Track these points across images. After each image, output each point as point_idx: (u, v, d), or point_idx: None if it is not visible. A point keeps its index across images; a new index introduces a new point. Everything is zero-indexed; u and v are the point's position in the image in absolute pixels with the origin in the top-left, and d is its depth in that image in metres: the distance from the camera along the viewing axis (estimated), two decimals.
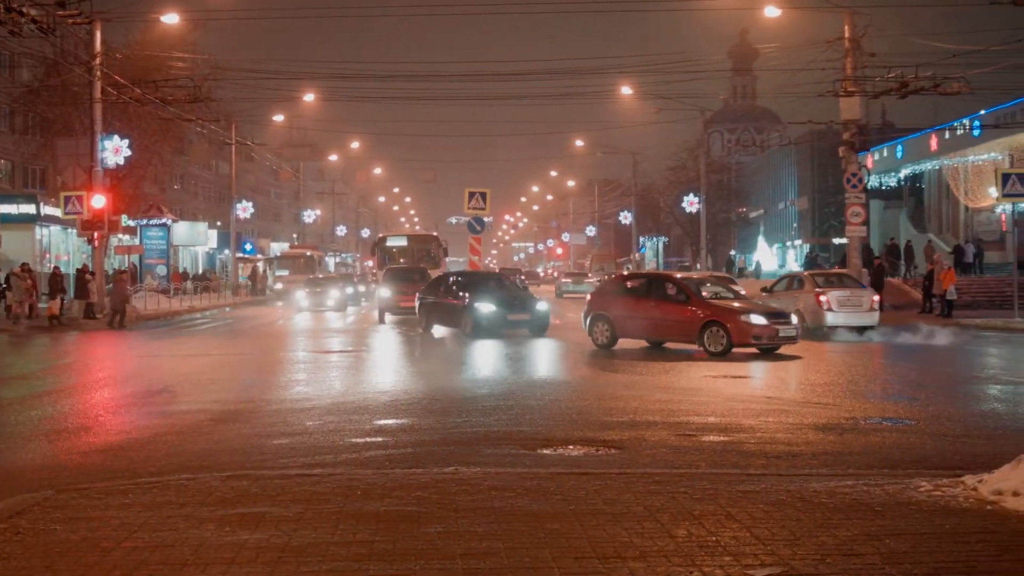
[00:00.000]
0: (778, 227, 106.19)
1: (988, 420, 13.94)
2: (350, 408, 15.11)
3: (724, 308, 23.90)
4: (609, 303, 25.88)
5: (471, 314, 29.65)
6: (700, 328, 23.53)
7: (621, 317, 25.30)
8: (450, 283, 32.91)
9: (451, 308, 31.03)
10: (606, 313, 25.63)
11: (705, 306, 23.96)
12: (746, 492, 8.60)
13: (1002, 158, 60.46)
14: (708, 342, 23.36)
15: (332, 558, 6.74)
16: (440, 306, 31.87)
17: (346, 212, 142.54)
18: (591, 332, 25.90)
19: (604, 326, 25.55)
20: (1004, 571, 6.50)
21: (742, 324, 23.24)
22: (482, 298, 30.18)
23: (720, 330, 23.26)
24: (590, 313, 26.12)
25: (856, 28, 38.57)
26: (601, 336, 25.56)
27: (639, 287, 26.16)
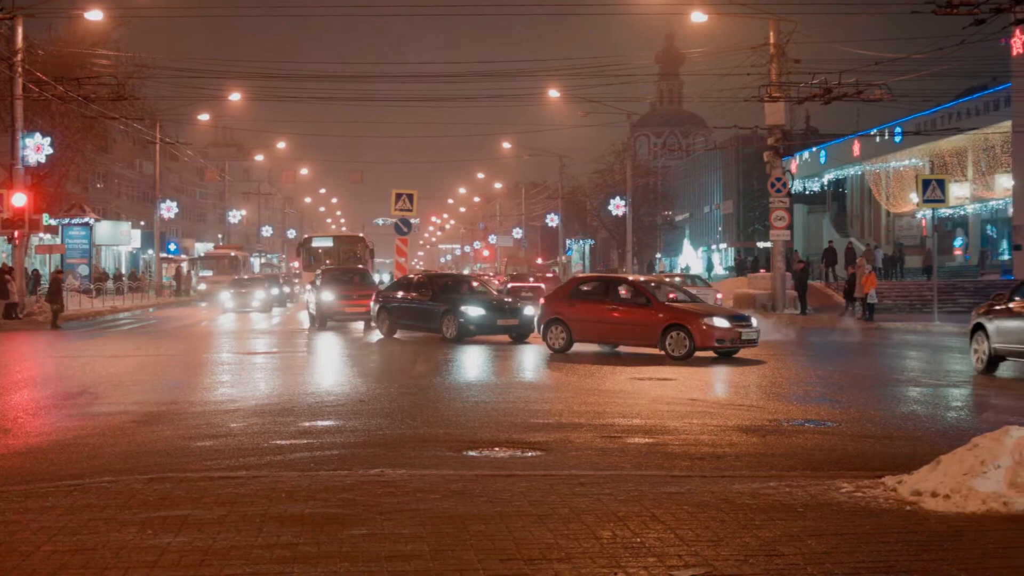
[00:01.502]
0: (703, 231, 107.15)
1: (908, 422, 14.14)
2: (275, 410, 15.01)
3: (686, 311, 23.57)
4: (564, 307, 25.24)
5: (457, 318, 28.42)
6: (661, 332, 23.15)
7: (578, 321, 24.79)
8: (423, 285, 31.14)
9: (427, 311, 29.59)
10: (561, 317, 24.98)
11: (666, 309, 23.63)
12: (670, 494, 8.66)
13: (923, 164, 61.52)
14: (670, 346, 22.97)
15: (256, 561, 6.70)
16: (410, 309, 30.38)
17: (272, 213, 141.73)
18: (545, 336, 25.26)
19: (560, 330, 24.94)
20: (922, 570, 6.60)
21: (705, 327, 22.85)
22: (470, 302, 29.14)
23: (682, 333, 22.89)
24: (545, 317, 25.46)
25: (781, 35, 39.03)
26: (556, 341, 24.92)
27: (596, 290, 25.71)
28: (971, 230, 63.24)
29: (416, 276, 34.43)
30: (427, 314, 29.59)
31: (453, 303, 29.01)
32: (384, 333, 30.77)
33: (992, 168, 56.04)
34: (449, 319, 28.64)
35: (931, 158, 60.90)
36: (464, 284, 32.19)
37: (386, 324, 30.95)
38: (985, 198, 58.17)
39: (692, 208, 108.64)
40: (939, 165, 59.34)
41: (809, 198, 77.86)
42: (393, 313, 30.89)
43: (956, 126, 54.20)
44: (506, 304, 29.79)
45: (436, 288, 30.45)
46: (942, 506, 8.12)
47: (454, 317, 28.51)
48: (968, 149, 57.67)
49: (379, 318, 31.35)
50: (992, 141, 54.79)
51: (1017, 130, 49.76)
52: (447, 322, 28.66)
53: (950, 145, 58.06)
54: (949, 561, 6.80)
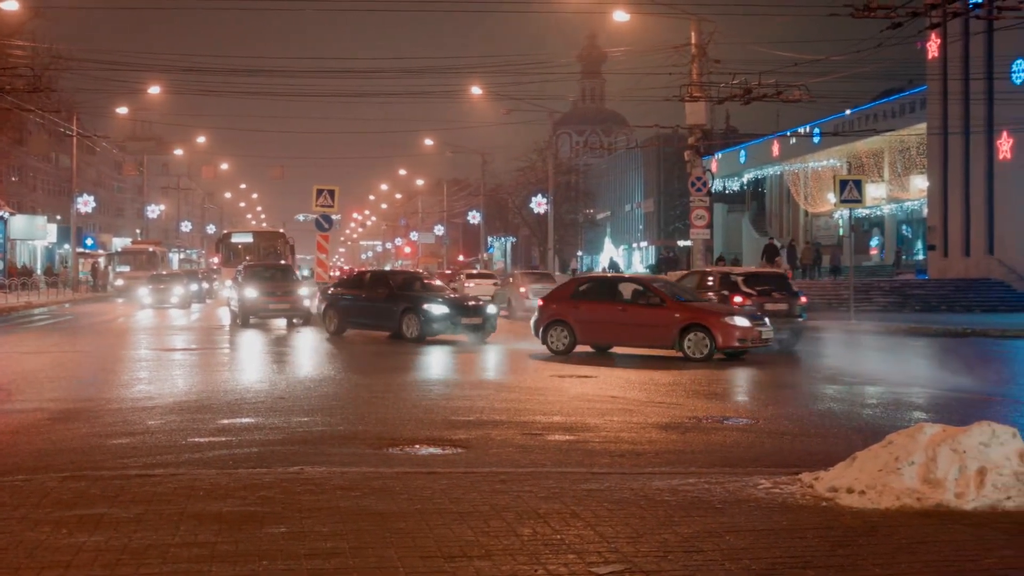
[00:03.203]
0: (624, 229, 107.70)
1: (824, 419, 14.32)
2: (194, 407, 14.86)
3: (705, 310, 23.08)
4: (567, 308, 24.21)
5: (420, 316, 27.46)
6: (679, 332, 22.49)
7: (583, 323, 23.90)
8: (378, 282, 30.19)
9: (384, 309, 28.52)
10: (564, 318, 24.02)
11: (683, 309, 22.97)
12: (591, 491, 8.69)
13: (840, 164, 62.38)
14: (689, 348, 22.34)
15: (173, 560, 6.62)
16: (364, 308, 29.35)
17: (191, 208, 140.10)
18: (545, 339, 24.18)
19: (562, 332, 23.98)
20: (838, 565, 6.69)
21: (727, 327, 22.34)
22: (433, 299, 28.18)
23: (702, 334, 22.31)
24: (545, 319, 24.42)
25: (702, 35, 39.27)
26: (558, 343, 23.95)
27: (602, 290, 25.02)
28: (887, 230, 64.23)
29: (368, 273, 33.54)
30: (384, 312, 28.61)
31: (414, 301, 28.14)
32: (332, 332, 29.80)
33: (908, 169, 56.95)
34: (410, 318, 27.72)
35: (848, 159, 61.75)
36: (417, 281, 31.18)
37: (334, 323, 29.99)
38: (901, 199, 59.11)
39: (613, 206, 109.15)
40: (856, 166, 60.19)
41: (729, 197, 78.60)
42: (343, 312, 29.96)
43: (873, 127, 55.00)
44: (469, 302, 29.06)
45: (394, 285, 29.57)
46: (858, 502, 8.23)
47: (416, 315, 27.61)
48: (885, 150, 58.56)
49: (326, 316, 30.39)
50: (908, 143, 55.67)
51: (932, 132, 50.61)
52: (408, 321, 27.75)
53: (867, 146, 58.91)
54: (864, 556, 6.89)
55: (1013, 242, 46.22)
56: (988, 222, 47.93)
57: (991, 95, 46.60)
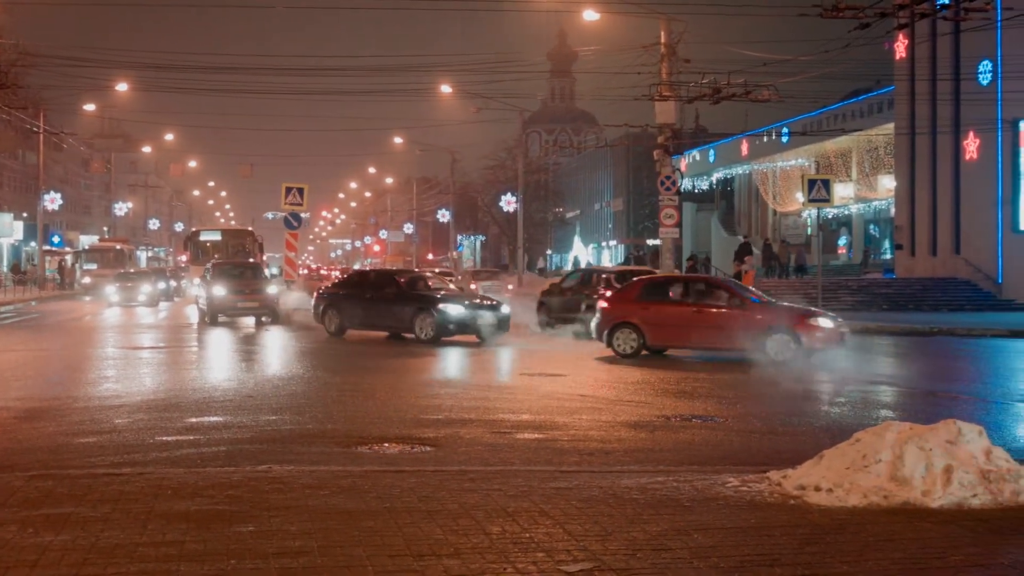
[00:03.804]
0: (594, 228, 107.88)
1: (792, 417, 14.38)
2: (162, 406, 14.79)
3: (788, 312, 22.80)
4: (635, 309, 23.30)
5: (435, 316, 26.46)
6: (762, 335, 21.96)
7: (654, 325, 23.03)
8: (385, 281, 29.28)
9: (394, 310, 27.61)
10: (632, 320, 23.14)
11: (765, 310, 22.60)
12: (560, 489, 8.70)
13: (809, 164, 62.62)
14: (773, 349, 21.78)
15: (141, 559, 6.59)
16: (371, 308, 28.31)
17: (159, 205, 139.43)
18: (611, 342, 23.31)
19: (630, 334, 23.12)
20: (806, 563, 6.72)
21: (813, 328, 22.00)
22: (448, 299, 27.33)
23: (787, 336, 21.91)
24: (610, 320, 23.51)
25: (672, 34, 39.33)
26: (626, 345, 23.08)
27: (674, 291, 24.15)
28: (855, 229, 64.53)
29: (372, 272, 32.60)
30: (394, 313, 27.69)
31: (428, 300, 27.26)
32: (332, 333, 28.78)
33: (876, 169, 57.24)
34: (424, 318, 26.76)
35: (817, 158, 62.00)
36: (421, 281, 30.04)
37: (335, 323, 28.96)
38: (868, 198, 59.41)
39: (583, 205, 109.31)
40: (825, 165, 60.44)
41: (698, 196, 78.78)
42: (346, 312, 28.97)
43: (841, 127, 55.26)
44: (484, 302, 28.20)
45: (403, 284, 28.72)
46: (825, 500, 8.27)
47: (431, 316, 26.65)
48: (853, 150, 58.83)
49: (326, 317, 29.33)
50: (876, 142, 55.95)
51: (899, 132, 50.88)
52: (422, 321, 26.77)
53: (835, 146, 59.18)
54: (831, 554, 6.93)
55: (979, 242, 46.52)
56: (955, 222, 48.23)
57: (958, 96, 46.89)
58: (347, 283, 31.45)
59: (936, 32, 46.51)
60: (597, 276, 32.23)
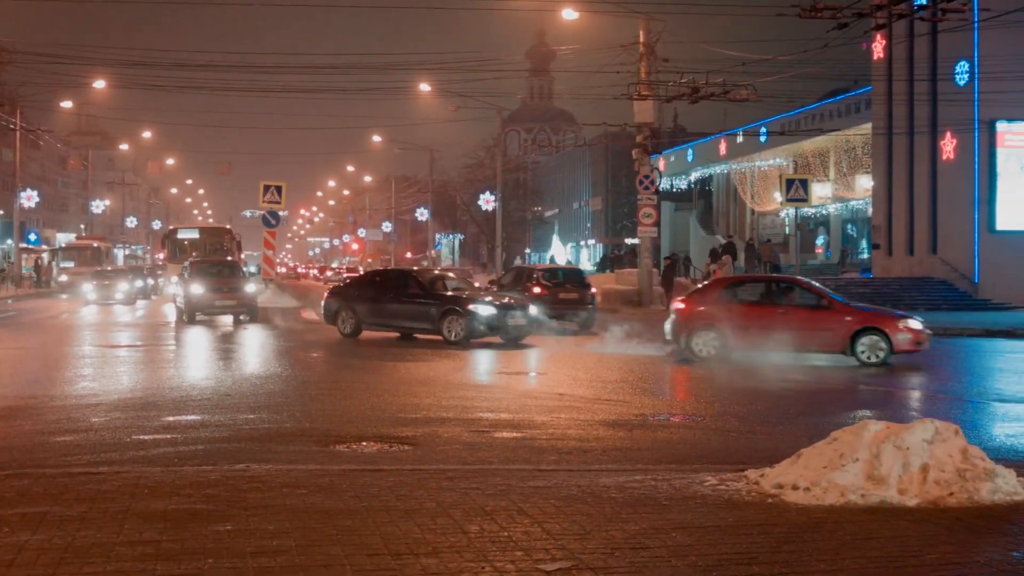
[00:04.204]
0: (573, 227, 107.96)
1: (770, 416, 14.41)
2: (138, 404, 14.74)
3: (879, 314, 22.67)
4: (717, 311, 22.79)
5: (465, 317, 25.46)
6: (851, 336, 21.75)
7: (738, 327, 22.49)
8: (407, 281, 28.16)
9: (419, 310, 26.51)
10: (714, 323, 22.64)
11: (854, 312, 22.39)
12: (538, 488, 8.70)
13: (787, 164, 62.78)
14: (863, 351, 21.62)
15: (117, 558, 6.57)
16: (391, 308, 27.27)
17: (137, 203, 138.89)
18: (691, 344, 22.73)
19: (712, 336, 22.60)
20: (783, 561, 6.74)
21: (903, 330, 21.80)
22: (477, 299, 26.40)
23: (877, 338, 21.64)
24: (691, 323, 22.93)
25: (651, 34, 39.45)
26: (707, 348, 22.57)
27: (758, 292, 23.80)
28: (832, 229, 64.74)
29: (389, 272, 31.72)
30: (419, 313, 26.65)
31: (456, 301, 26.24)
32: (346, 334, 27.69)
33: (853, 169, 57.41)
34: (454, 319, 25.74)
35: (795, 158, 62.16)
36: (440, 280, 28.75)
37: (350, 324, 27.82)
38: (846, 198, 59.58)
39: (562, 204, 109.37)
40: (802, 165, 60.60)
41: (676, 196, 78.88)
42: (363, 312, 27.81)
43: (819, 127, 55.38)
44: (512, 302, 27.35)
45: (427, 284, 27.59)
46: (803, 498, 8.29)
47: (460, 317, 25.64)
48: (830, 150, 58.98)
49: (340, 317, 28.11)
50: (853, 142, 56.11)
51: (877, 132, 51.04)
52: (451, 322, 25.75)
53: (813, 146, 59.32)
54: (808, 552, 6.95)
55: (956, 241, 46.71)
56: (932, 221, 48.40)
57: (935, 96, 47.06)
58: (362, 283, 30.46)
59: (913, 33, 46.66)
60: (528, 273, 34.76)
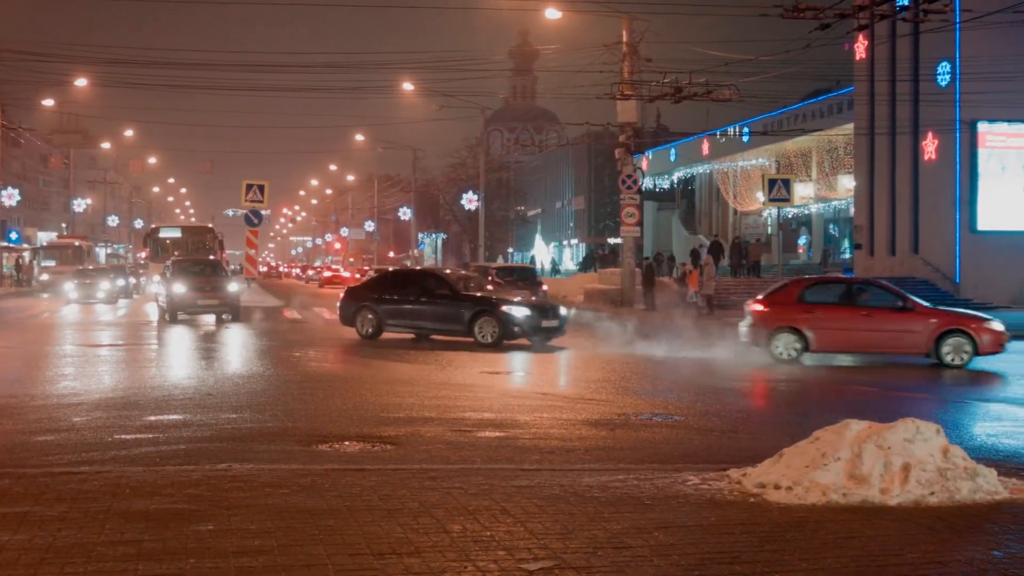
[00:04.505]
0: (555, 226, 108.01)
1: (752, 416, 14.45)
2: (120, 404, 14.69)
3: (964, 315, 22.64)
4: (796, 313, 22.71)
5: (498, 319, 25.00)
6: (936, 339, 21.77)
7: (818, 329, 22.45)
8: (434, 281, 27.37)
9: (447, 312, 25.87)
10: (794, 325, 22.53)
11: (938, 314, 22.40)
12: (520, 487, 8.70)
13: (769, 163, 62.93)
14: (948, 353, 21.67)
15: (99, 558, 6.54)
16: (417, 310, 26.57)
17: (119, 202, 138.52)
18: (771, 347, 22.62)
19: (793, 339, 22.47)
20: (766, 560, 6.75)
21: (988, 331, 21.79)
22: (510, 300, 25.95)
23: (962, 339, 21.68)
24: (770, 325, 22.82)
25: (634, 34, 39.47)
26: (788, 351, 22.42)
27: (838, 294, 23.58)
28: (814, 229, 64.89)
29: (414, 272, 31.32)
30: (448, 315, 25.98)
31: (489, 302, 25.76)
32: (365, 335, 26.94)
33: (835, 169, 57.55)
34: (486, 320, 25.18)
35: (777, 158, 62.29)
36: (463, 281, 28.06)
37: (371, 325, 27.01)
38: (828, 198, 59.73)
39: (544, 203, 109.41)
40: (785, 165, 60.73)
41: (659, 195, 78.98)
42: (384, 313, 27.02)
43: (801, 127, 55.53)
44: (548, 304, 27.24)
45: (455, 284, 26.92)
46: (785, 498, 8.31)
47: (494, 318, 25.12)
48: (813, 150, 59.12)
49: (359, 318, 27.30)
50: (836, 143, 56.25)
51: (859, 132, 51.17)
52: (483, 324, 25.18)
53: (796, 146, 59.45)
54: (791, 551, 6.96)
55: (937, 241, 46.87)
56: (913, 221, 48.56)
57: (917, 97, 47.20)
58: (382, 283, 29.22)
59: (895, 33, 46.80)
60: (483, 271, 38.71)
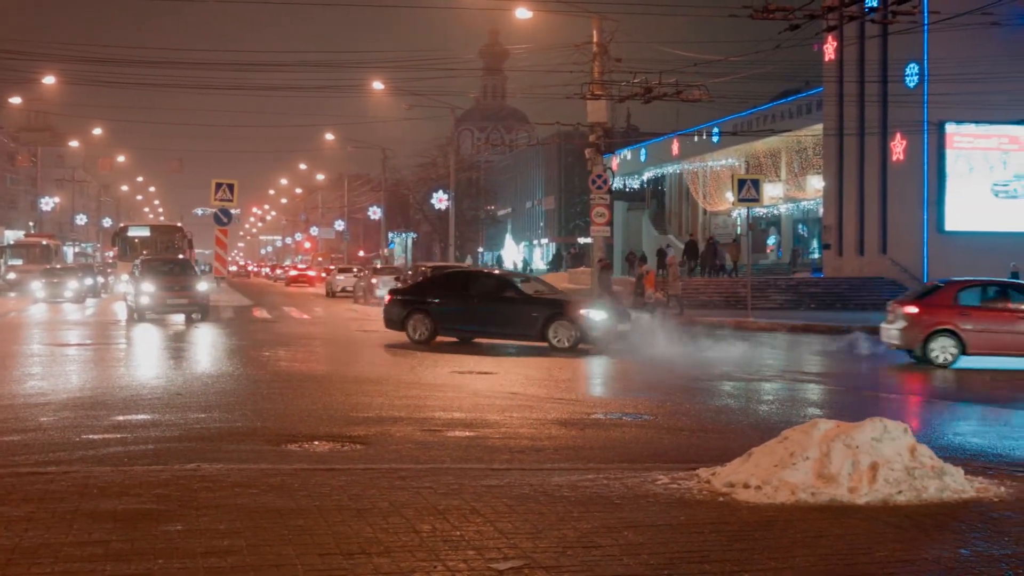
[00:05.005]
0: (526, 226, 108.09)
1: (721, 415, 14.49)
2: (88, 403, 14.61)
3: None
4: (953, 316, 22.25)
5: (576, 323, 24.26)
6: None
7: (976, 332, 22.05)
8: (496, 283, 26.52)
9: (515, 314, 24.84)
10: (952, 327, 22.10)
11: None
12: (490, 487, 8.70)
13: (738, 164, 63.14)
14: None
15: (66, 559, 6.50)
16: (480, 312, 25.32)
17: (87, 200, 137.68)
18: (927, 350, 22.19)
19: (950, 342, 22.04)
20: (734, 559, 6.77)
21: None
22: (589, 303, 25.78)
23: None
24: (925, 328, 22.28)
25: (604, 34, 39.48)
26: (944, 354, 22.03)
27: (996, 297, 23.11)
28: (784, 229, 65.18)
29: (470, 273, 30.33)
30: (518, 318, 24.84)
31: (564, 305, 25.09)
32: (418, 339, 25.49)
33: (804, 169, 57.83)
34: (561, 324, 24.31)
35: (747, 158, 62.52)
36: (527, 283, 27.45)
37: (423, 329, 25.61)
38: (797, 198, 60.01)
39: (514, 203, 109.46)
40: (754, 165, 60.96)
41: (629, 195, 79.15)
42: (441, 316, 25.71)
43: (771, 128, 55.77)
44: (617, 307, 26.62)
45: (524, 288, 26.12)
46: (754, 497, 8.33)
47: (570, 322, 24.32)
48: (782, 150, 59.38)
49: (410, 322, 25.80)
50: (805, 143, 56.51)
51: (828, 133, 51.43)
52: (557, 328, 24.28)
53: (765, 146, 59.69)
54: (760, 550, 6.98)
55: (905, 242, 47.17)
56: (882, 222, 48.85)
57: (885, 98, 47.51)
58: (435, 285, 27.97)
59: (864, 35, 47.09)
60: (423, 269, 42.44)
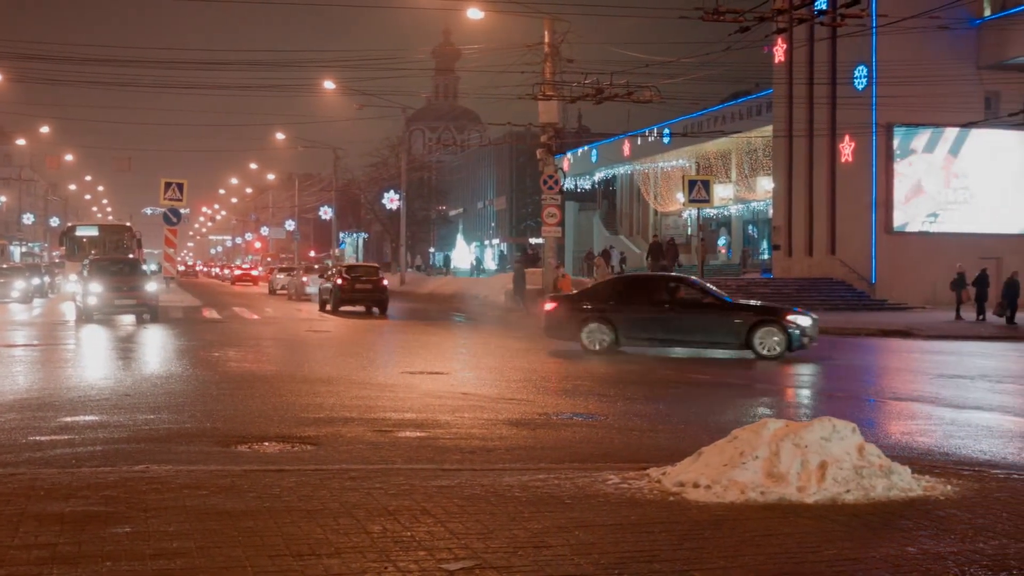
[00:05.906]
0: (477, 226, 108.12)
1: (672, 415, 14.53)
2: (35, 405, 14.46)
3: None
4: None
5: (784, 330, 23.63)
6: None
7: None
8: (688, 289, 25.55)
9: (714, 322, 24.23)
10: None
11: None
12: (441, 487, 8.69)
13: (689, 165, 63.47)
14: None
15: (11, 562, 6.43)
16: (676, 321, 24.53)
17: (34, 199, 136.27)
18: None
19: None
20: (684, 559, 6.79)
21: None
22: (793, 309, 25.31)
23: None
24: None
25: (556, 34, 39.60)
26: None
27: None
28: (734, 230, 65.58)
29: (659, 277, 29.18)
30: (719, 327, 24.15)
31: (770, 312, 24.66)
32: (595, 350, 24.32)
33: (754, 170, 58.23)
34: (768, 331, 23.63)
35: (697, 159, 62.87)
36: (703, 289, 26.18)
37: (602, 338, 24.56)
38: (747, 199, 60.42)
39: (466, 203, 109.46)
40: (705, 166, 61.32)
41: (580, 196, 79.37)
42: (625, 325, 24.65)
43: (721, 129, 56.15)
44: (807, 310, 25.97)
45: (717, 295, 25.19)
46: (704, 496, 8.37)
47: (779, 329, 23.66)
48: (732, 152, 59.76)
49: (587, 330, 24.65)
50: (755, 144, 56.90)
51: (778, 135, 51.78)
52: (764, 335, 23.60)
53: (716, 147, 60.06)
54: (709, 549, 7.01)
55: (854, 242, 47.57)
56: (830, 223, 49.25)
57: (834, 100, 47.90)
58: (614, 291, 26.19)
59: (813, 37, 47.44)
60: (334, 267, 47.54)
